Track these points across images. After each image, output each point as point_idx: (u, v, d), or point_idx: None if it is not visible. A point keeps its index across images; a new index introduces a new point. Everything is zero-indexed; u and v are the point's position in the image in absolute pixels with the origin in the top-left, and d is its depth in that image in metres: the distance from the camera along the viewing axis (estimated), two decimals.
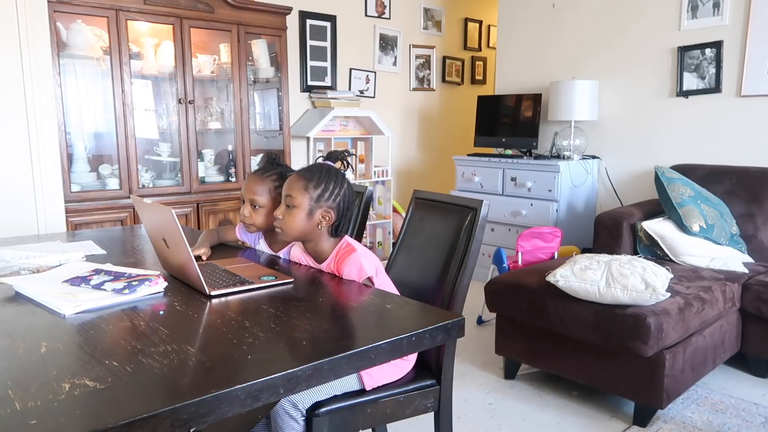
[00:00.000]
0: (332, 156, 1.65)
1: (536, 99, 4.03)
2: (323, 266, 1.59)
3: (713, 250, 2.80)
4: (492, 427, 2.24)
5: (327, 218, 1.55)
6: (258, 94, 4.00)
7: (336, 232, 1.59)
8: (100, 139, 3.31)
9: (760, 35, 3.18)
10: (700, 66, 3.42)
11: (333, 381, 1.11)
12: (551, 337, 2.40)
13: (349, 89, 4.60)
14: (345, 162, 1.66)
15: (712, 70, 3.37)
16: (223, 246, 1.93)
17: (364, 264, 1.50)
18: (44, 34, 2.74)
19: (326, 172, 1.57)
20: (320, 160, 1.64)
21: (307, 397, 1.37)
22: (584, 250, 3.45)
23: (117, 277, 1.42)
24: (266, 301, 1.34)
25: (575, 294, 2.24)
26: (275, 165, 1.82)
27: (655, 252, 2.91)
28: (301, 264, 1.67)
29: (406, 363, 1.56)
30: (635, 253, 2.98)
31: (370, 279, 1.51)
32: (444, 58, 5.35)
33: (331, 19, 4.43)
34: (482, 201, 1.61)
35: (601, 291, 2.17)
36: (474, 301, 3.32)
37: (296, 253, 1.70)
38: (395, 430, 2.14)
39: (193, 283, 1.41)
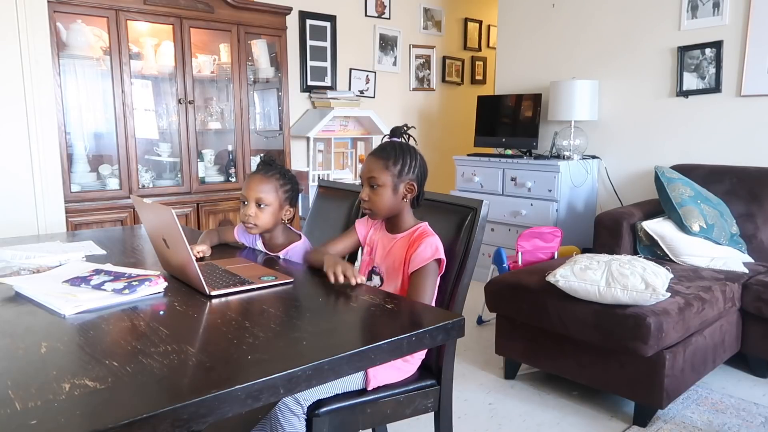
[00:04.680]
0: (396, 132, 1.68)
1: (536, 99, 4.03)
2: (397, 237, 1.62)
3: (713, 250, 2.80)
4: (492, 427, 2.24)
5: (411, 191, 1.60)
6: (258, 94, 4.00)
7: (417, 202, 1.64)
8: (100, 139, 3.31)
9: (760, 35, 3.18)
10: (700, 66, 3.42)
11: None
12: (551, 337, 2.40)
13: (349, 89, 4.60)
14: (408, 135, 1.69)
15: (712, 70, 3.37)
16: (223, 246, 1.93)
17: (440, 248, 1.54)
18: (44, 34, 2.74)
19: (400, 148, 1.61)
20: (386, 139, 1.68)
21: (309, 395, 1.37)
22: (584, 250, 3.44)
23: (117, 277, 1.42)
24: (266, 301, 1.34)
25: (575, 294, 2.24)
26: (274, 166, 1.82)
27: (655, 252, 2.91)
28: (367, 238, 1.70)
29: (410, 366, 1.56)
30: (635, 253, 2.98)
31: (440, 262, 1.54)
32: (444, 58, 5.35)
33: (331, 19, 4.43)
34: (482, 201, 1.61)
35: (601, 291, 2.17)
36: (474, 301, 3.32)
37: (365, 225, 1.72)
38: (395, 430, 2.14)
39: (193, 283, 1.41)
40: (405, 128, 1.69)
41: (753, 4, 3.19)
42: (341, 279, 1.42)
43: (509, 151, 4.15)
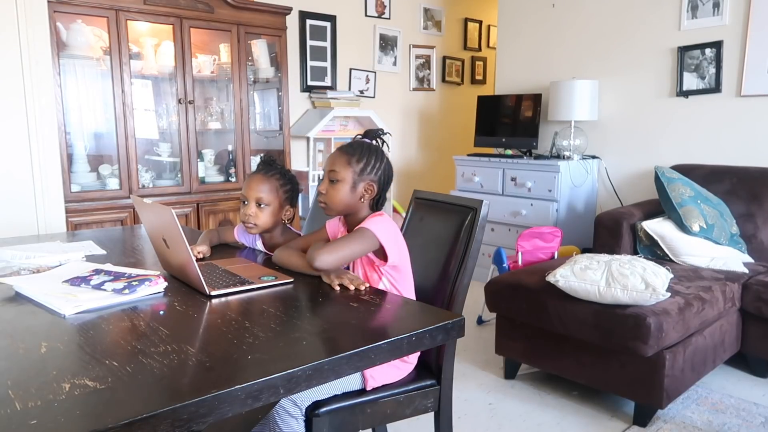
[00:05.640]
0: (369, 134, 1.67)
1: (536, 99, 4.03)
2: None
3: (713, 250, 2.80)
4: (492, 427, 2.24)
5: (369, 191, 1.57)
6: (258, 94, 4.00)
7: (377, 206, 1.62)
8: (100, 139, 3.32)
9: (760, 35, 3.18)
10: (700, 66, 3.42)
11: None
12: (551, 337, 2.40)
13: (349, 89, 4.60)
14: (380, 140, 1.67)
15: (712, 70, 3.37)
16: (223, 246, 1.93)
17: (382, 227, 1.49)
18: (44, 34, 2.74)
19: (367, 148, 1.59)
20: (358, 138, 1.66)
21: (306, 396, 1.37)
22: (584, 250, 3.45)
23: (117, 277, 1.42)
24: (266, 301, 1.34)
25: (575, 294, 2.24)
26: (274, 166, 1.83)
27: (655, 252, 2.91)
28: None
29: (407, 365, 1.56)
30: (635, 253, 2.98)
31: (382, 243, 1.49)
32: (444, 58, 5.35)
33: (331, 19, 4.43)
34: (482, 201, 1.61)
35: (601, 291, 2.17)
36: (474, 301, 3.32)
37: (335, 226, 1.70)
38: (395, 430, 2.14)
39: (193, 283, 1.41)
40: (380, 132, 1.67)
41: (753, 4, 3.19)
42: (351, 288, 1.41)
43: (509, 151, 4.15)
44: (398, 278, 1.55)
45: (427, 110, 5.29)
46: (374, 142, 1.64)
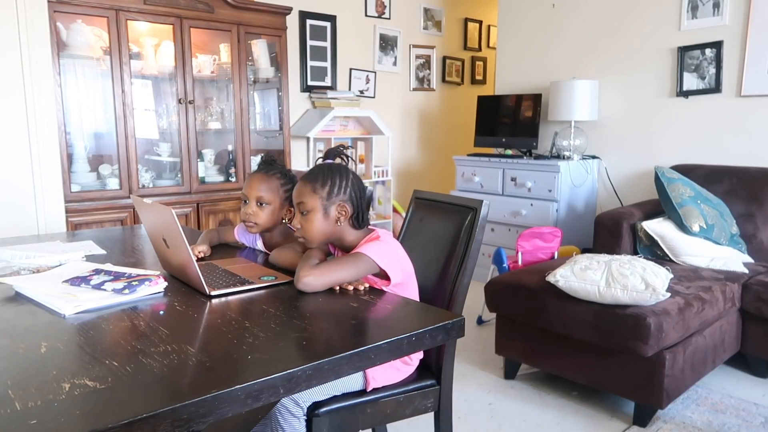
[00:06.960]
0: (330, 154, 1.64)
1: (536, 99, 4.03)
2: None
3: (713, 250, 2.80)
4: (492, 427, 2.24)
5: (344, 212, 1.52)
6: (258, 94, 4.00)
7: (359, 223, 1.56)
8: (100, 139, 3.31)
9: (760, 35, 3.18)
10: (700, 66, 3.42)
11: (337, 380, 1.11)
12: (551, 337, 2.40)
13: (349, 89, 4.60)
14: (343, 157, 1.64)
15: (712, 70, 3.37)
16: (223, 246, 1.93)
17: (381, 252, 1.46)
18: (44, 34, 2.74)
19: (328, 169, 1.55)
20: (319, 161, 1.63)
21: (308, 396, 1.37)
22: (584, 250, 3.45)
23: (117, 277, 1.42)
24: (266, 301, 1.34)
25: (575, 294, 2.24)
26: (275, 165, 1.83)
27: (655, 252, 2.91)
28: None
29: (409, 367, 1.56)
30: (635, 253, 2.98)
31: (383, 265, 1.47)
32: (444, 58, 5.35)
33: (331, 19, 4.43)
34: (482, 201, 1.61)
35: (601, 291, 2.17)
36: (474, 301, 3.32)
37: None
38: (395, 430, 2.14)
39: (193, 283, 1.41)
40: (341, 148, 1.64)
41: (753, 4, 3.19)
42: (351, 288, 1.41)
43: (509, 151, 4.15)
44: (401, 293, 1.54)
45: (427, 110, 5.29)
46: (336, 160, 1.60)
